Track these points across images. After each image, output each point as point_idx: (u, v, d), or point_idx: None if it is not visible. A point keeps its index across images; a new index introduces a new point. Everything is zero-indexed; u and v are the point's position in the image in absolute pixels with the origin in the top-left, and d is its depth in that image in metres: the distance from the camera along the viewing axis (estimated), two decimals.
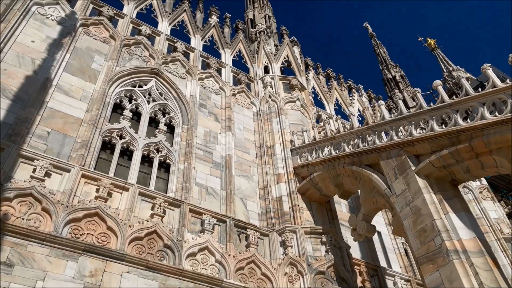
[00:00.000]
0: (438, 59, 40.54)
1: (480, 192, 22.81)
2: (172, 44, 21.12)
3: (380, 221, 19.87)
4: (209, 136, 17.42)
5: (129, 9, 21.18)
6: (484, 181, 23.93)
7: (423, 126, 11.65)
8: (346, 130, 14.81)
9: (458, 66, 38.23)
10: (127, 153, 14.99)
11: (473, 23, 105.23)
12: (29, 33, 15.62)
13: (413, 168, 11.22)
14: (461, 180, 11.25)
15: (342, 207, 19.30)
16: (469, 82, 29.27)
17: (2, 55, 14.04)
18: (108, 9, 19.80)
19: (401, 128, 12.37)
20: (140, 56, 18.66)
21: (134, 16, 21.03)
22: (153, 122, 16.83)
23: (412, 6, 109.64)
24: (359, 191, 14.17)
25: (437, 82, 11.89)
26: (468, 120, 10.22)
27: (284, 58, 24.48)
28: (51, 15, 17.10)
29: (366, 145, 13.23)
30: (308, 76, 26.86)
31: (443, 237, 9.79)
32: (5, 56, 14.11)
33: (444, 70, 38.84)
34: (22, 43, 15.03)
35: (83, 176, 12.32)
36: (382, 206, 12.96)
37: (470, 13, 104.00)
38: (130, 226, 11.77)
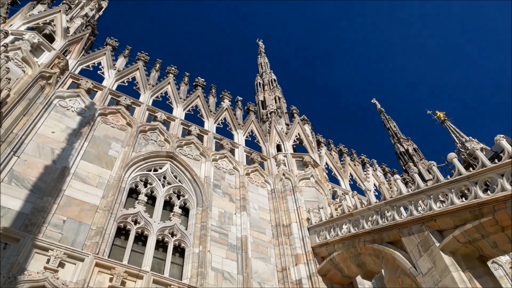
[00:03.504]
0: (449, 131, 40.66)
1: (511, 267, 21.55)
2: (187, 128, 21.78)
3: None
4: (224, 217, 17.21)
5: (146, 98, 22.22)
6: None
7: (443, 200, 11.37)
8: (363, 206, 14.52)
9: (470, 137, 38.19)
10: (141, 239, 14.77)
11: (480, 91, 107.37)
12: (50, 124, 16.33)
13: (437, 244, 10.77)
14: (490, 256, 10.69)
15: None
16: (484, 152, 29.01)
17: (23, 147, 14.57)
18: (125, 98, 20.81)
19: (420, 202, 12.10)
20: (155, 141, 19.18)
21: (150, 104, 22.00)
22: (168, 205, 16.78)
23: (418, 79, 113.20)
24: (382, 270, 13.51)
25: (452, 155, 11.83)
26: (489, 192, 9.97)
27: (296, 136, 24.96)
28: (72, 107, 17.98)
29: (386, 221, 12.88)
30: (320, 152, 27.06)
31: None
32: (26, 147, 14.64)
33: (457, 141, 38.77)
34: (42, 134, 15.64)
35: (97, 265, 12.06)
36: (409, 286, 12.22)
37: (476, 81, 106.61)
38: None
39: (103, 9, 28.63)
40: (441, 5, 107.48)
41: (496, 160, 10.38)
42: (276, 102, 28.45)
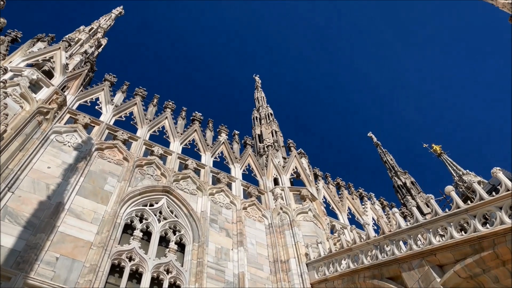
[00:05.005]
0: (446, 164, 40.85)
1: None
2: (184, 162, 21.73)
3: None
4: (220, 253, 16.89)
5: (143, 132, 22.30)
6: None
7: (442, 234, 11.26)
8: (362, 240, 14.32)
9: (467, 170, 38.31)
10: (136, 276, 14.41)
11: (476, 124, 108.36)
12: (46, 159, 16.25)
13: (438, 279, 10.56)
14: None
15: None
16: (481, 185, 28.98)
17: (18, 182, 14.44)
18: (122, 133, 20.87)
19: (419, 236, 11.96)
20: (152, 175, 19.08)
21: (147, 138, 22.05)
22: (164, 241, 16.47)
23: (414, 113, 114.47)
24: None
25: (450, 188, 11.80)
26: (488, 225, 9.88)
27: (293, 169, 24.90)
28: (68, 142, 17.96)
29: (385, 255, 12.67)
30: (318, 186, 26.92)
31: None
32: (21, 183, 14.51)
33: (454, 174, 38.84)
34: (38, 170, 15.54)
35: None
36: None
37: (473, 113, 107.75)
38: None
39: (102, 46, 29.21)
40: (436, 39, 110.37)
41: (493, 193, 10.36)
42: (273, 136, 28.59)
